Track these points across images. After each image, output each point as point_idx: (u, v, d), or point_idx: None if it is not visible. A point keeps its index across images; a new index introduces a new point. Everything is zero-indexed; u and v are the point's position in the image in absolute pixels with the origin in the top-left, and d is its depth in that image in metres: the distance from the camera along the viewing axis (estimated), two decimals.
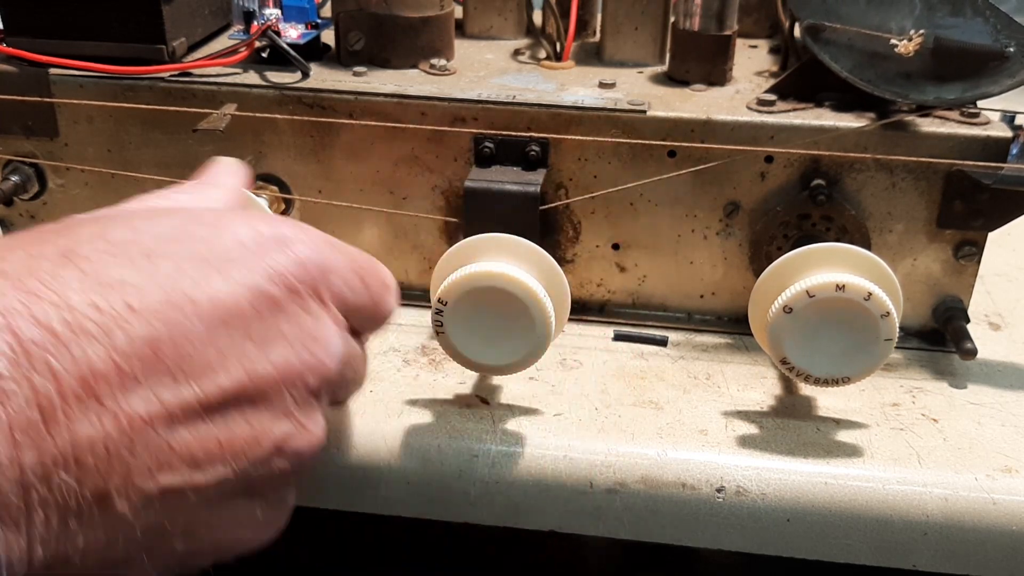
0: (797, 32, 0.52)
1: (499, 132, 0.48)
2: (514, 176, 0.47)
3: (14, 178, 0.52)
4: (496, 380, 0.46)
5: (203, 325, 0.28)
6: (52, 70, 0.50)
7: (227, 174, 0.41)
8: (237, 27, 0.55)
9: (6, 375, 0.24)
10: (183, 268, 0.29)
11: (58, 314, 0.26)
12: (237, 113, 0.49)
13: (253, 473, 0.29)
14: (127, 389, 0.26)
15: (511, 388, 0.46)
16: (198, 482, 0.28)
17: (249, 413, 0.29)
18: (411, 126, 0.48)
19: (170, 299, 0.28)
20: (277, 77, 0.50)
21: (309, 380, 0.31)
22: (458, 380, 0.46)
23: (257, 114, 0.49)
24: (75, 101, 0.50)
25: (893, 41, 0.45)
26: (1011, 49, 0.45)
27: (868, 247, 0.46)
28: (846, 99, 0.47)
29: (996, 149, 0.45)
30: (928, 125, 0.46)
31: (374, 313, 0.36)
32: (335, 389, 0.34)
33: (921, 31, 0.45)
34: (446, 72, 0.52)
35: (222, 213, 0.33)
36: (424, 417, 0.43)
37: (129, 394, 0.26)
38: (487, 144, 0.48)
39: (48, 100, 0.50)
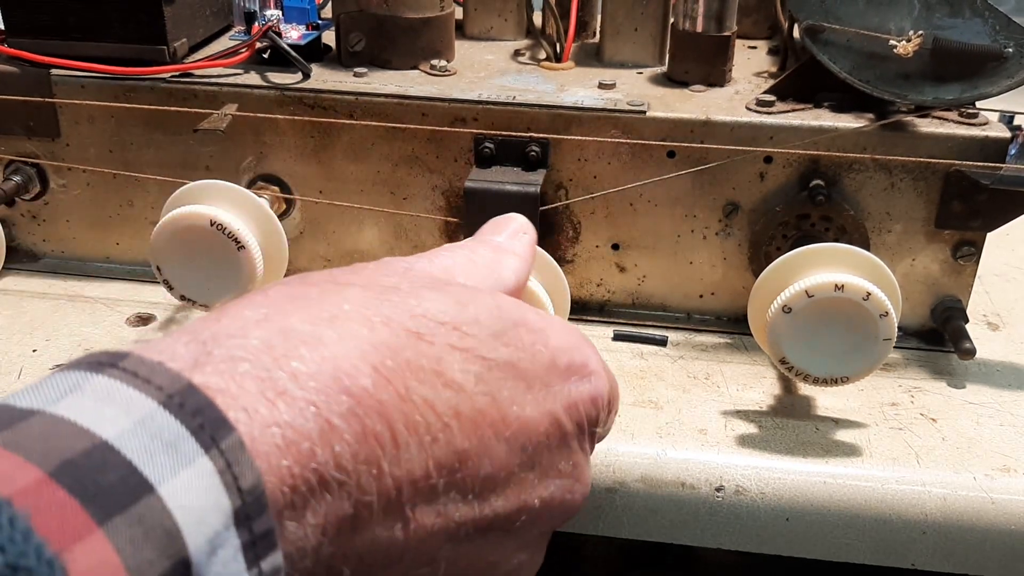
0: (796, 33, 0.52)
1: (499, 132, 0.48)
2: (514, 176, 0.47)
3: (16, 178, 0.52)
4: None
5: (506, 447, 0.27)
6: (54, 71, 0.50)
7: (518, 238, 0.36)
8: (238, 28, 0.55)
9: (346, 467, 0.23)
10: (506, 380, 0.28)
11: (400, 409, 0.25)
12: (238, 113, 0.49)
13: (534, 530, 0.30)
14: (426, 500, 0.25)
15: None
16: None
17: (502, 537, 0.29)
18: (411, 126, 0.49)
19: (489, 413, 0.27)
20: (278, 78, 0.50)
21: (560, 518, 0.30)
22: None
23: (258, 115, 0.49)
24: (76, 101, 0.50)
25: (892, 42, 0.45)
26: (1009, 49, 0.45)
27: (867, 247, 0.46)
28: (845, 100, 0.47)
29: (994, 149, 0.45)
30: (927, 126, 0.46)
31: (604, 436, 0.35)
32: None
33: (920, 32, 0.45)
34: (446, 73, 0.52)
35: (544, 320, 0.31)
36: None
37: (425, 504, 0.25)
38: (487, 144, 0.48)
39: (50, 100, 0.51)
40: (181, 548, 0.20)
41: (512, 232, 0.36)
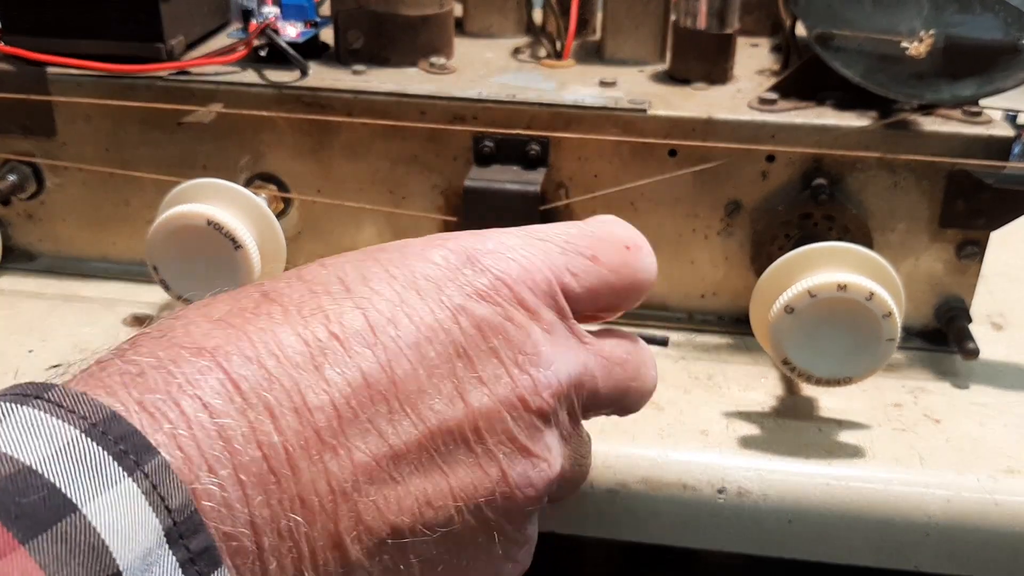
0: (799, 30, 0.52)
1: (499, 131, 0.48)
2: (514, 175, 0.47)
3: (11, 177, 0.52)
4: None
5: (411, 353, 0.26)
6: (50, 69, 0.50)
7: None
8: (235, 25, 0.55)
9: (222, 411, 0.23)
10: (380, 291, 0.27)
11: (267, 349, 0.25)
12: (234, 111, 0.49)
13: (485, 508, 0.27)
14: (345, 422, 0.25)
15: None
16: (428, 520, 0.26)
17: (473, 442, 0.27)
18: (410, 125, 0.48)
19: (374, 325, 0.26)
20: (276, 76, 0.50)
21: (530, 401, 0.28)
22: None
23: (256, 113, 0.49)
24: (73, 100, 0.50)
25: (904, 44, 0.45)
26: (1023, 42, 0.45)
27: (870, 246, 0.46)
28: (848, 98, 0.47)
29: (998, 148, 0.45)
30: (930, 124, 0.46)
31: (617, 286, 0.32)
32: (557, 488, 0.30)
33: (931, 31, 0.45)
34: (446, 71, 0.51)
35: (407, 241, 0.30)
36: None
37: (348, 427, 0.25)
38: (487, 143, 0.48)
39: (46, 99, 0.50)
40: (110, 564, 0.20)
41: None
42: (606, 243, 0.32)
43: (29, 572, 0.19)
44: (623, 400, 0.33)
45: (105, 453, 0.21)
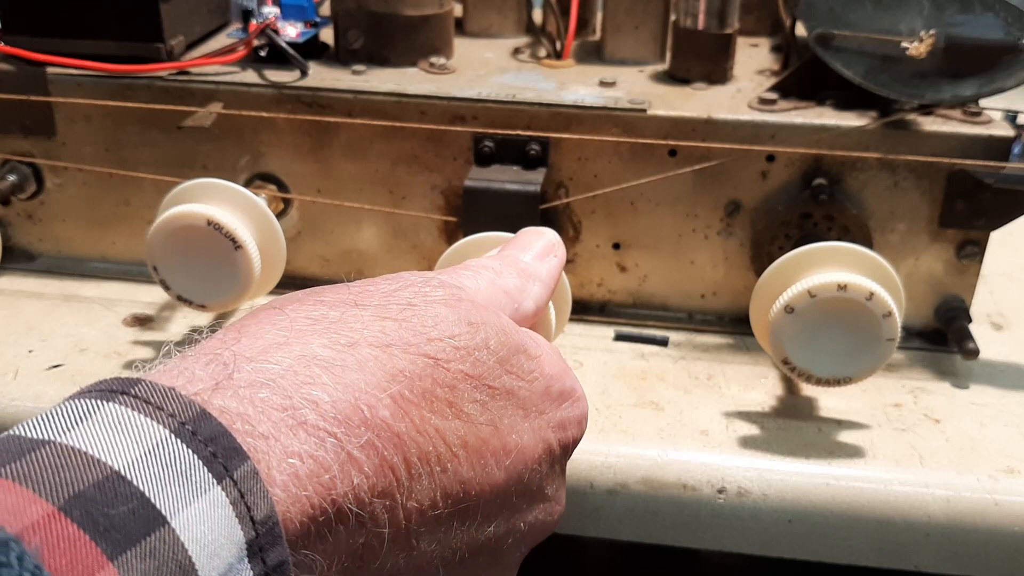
0: (798, 30, 0.52)
1: (499, 131, 0.48)
2: (514, 175, 0.47)
3: (11, 177, 0.52)
4: None
5: (504, 475, 0.27)
6: (50, 69, 0.50)
7: (544, 260, 0.35)
8: (235, 25, 0.54)
9: (364, 500, 0.23)
10: (507, 409, 0.28)
11: (414, 440, 0.24)
12: (230, 112, 0.48)
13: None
14: (431, 528, 0.25)
15: None
16: None
17: (489, 558, 0.29)
18: (410, 125, 0.48)
19: (491, 443, 0.27)
20: (275, 76, 0.50)
21: (538, 538, 0.31)
22: None
23: (255, 113, 0.49)
24: (73, 100, 0.50)
25: (904, 44, 0.45)
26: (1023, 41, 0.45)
27: (870, 246, 0.46)
28: (848, 97, 0.47)
29: (998, 148, 0.45)
30: (930, 124, 0.46)
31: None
32: None
33: (932, 31, 0.44)
34: (445, 71, 0.51)
35: (540, 343, 0.31)
36: None
37: (430, 533, 0.25)
38: (487, 143, 0.47)
39: (46, 99, 0.50)
40: None
41: (542, 251, 0.36)
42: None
43: None
44: None
45: (195, 456, 0.20)
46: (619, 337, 0.50)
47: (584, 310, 0.52)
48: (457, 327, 0.27)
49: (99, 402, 0.21)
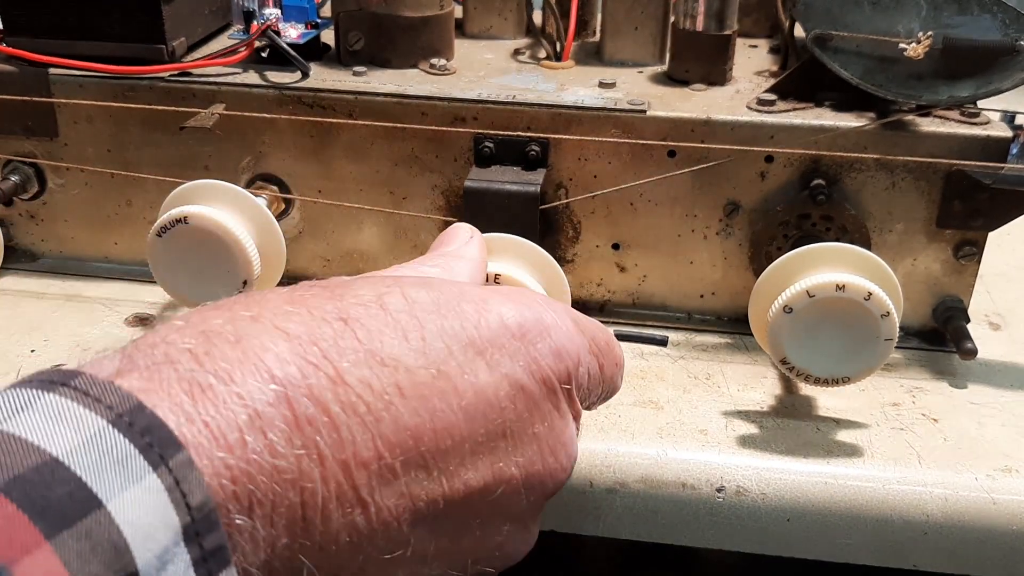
0: (797, 32, 0.52)
1: (499, 132, 0.48)
2: (514, 176, 0.47)
3: (14, 178, 0.52)
4: None
5: (463, 417, 0.27)
6: (52, 70, 0.50)
7: (468, 243, 0.38)
8: (237, 27, 0.55)
9: (282, 452, 0.23)
10: (452, 350, 0.28)
11: (333, 391, 0.25)
12: (232, 112, 0.49)
13: (469, 569, 0.29)
14: (384, 481, 0.25)
15: None
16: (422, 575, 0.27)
17: (484, 513, 0.28)
18: (411, 126, 0.48)
19: (437, 385, 0.27)
20: (277, 77, 0.50)
21: (548, 486, 0.30)
22: None
23: (255, 114, 0.49)
24: (75, 101, 0.50)
25: (902, 45, 0.45)
26: (1021, 43, 0.45)
27: (868, 247, 0.46)
28: (846, 99, 0.47)
29: (996, 149, 0.45)
30: (928, 125, 0.46)
31: (605, 394, 0.34)
32: None
33: (929, 32, 0.45)
34: (446, 72, 0.52)
35: (487, 291, 0.31)
36: None
37: (384, 486, 0.25)
38: (487, 144, 0.48)
39: (48, 100, 0.50)
40: (129, 563, 0.20)
41: (460, 241, 0.37)
42: (610, 356, 0.34)
43: (52, 569, 0.19)
44: None
45: (132, 446, 0.21)
46: (618, 337, 0.50)
47: (584, 310, 0.51)
48: (372, 289, 0.28)
49: (39, 392, 0.22)
